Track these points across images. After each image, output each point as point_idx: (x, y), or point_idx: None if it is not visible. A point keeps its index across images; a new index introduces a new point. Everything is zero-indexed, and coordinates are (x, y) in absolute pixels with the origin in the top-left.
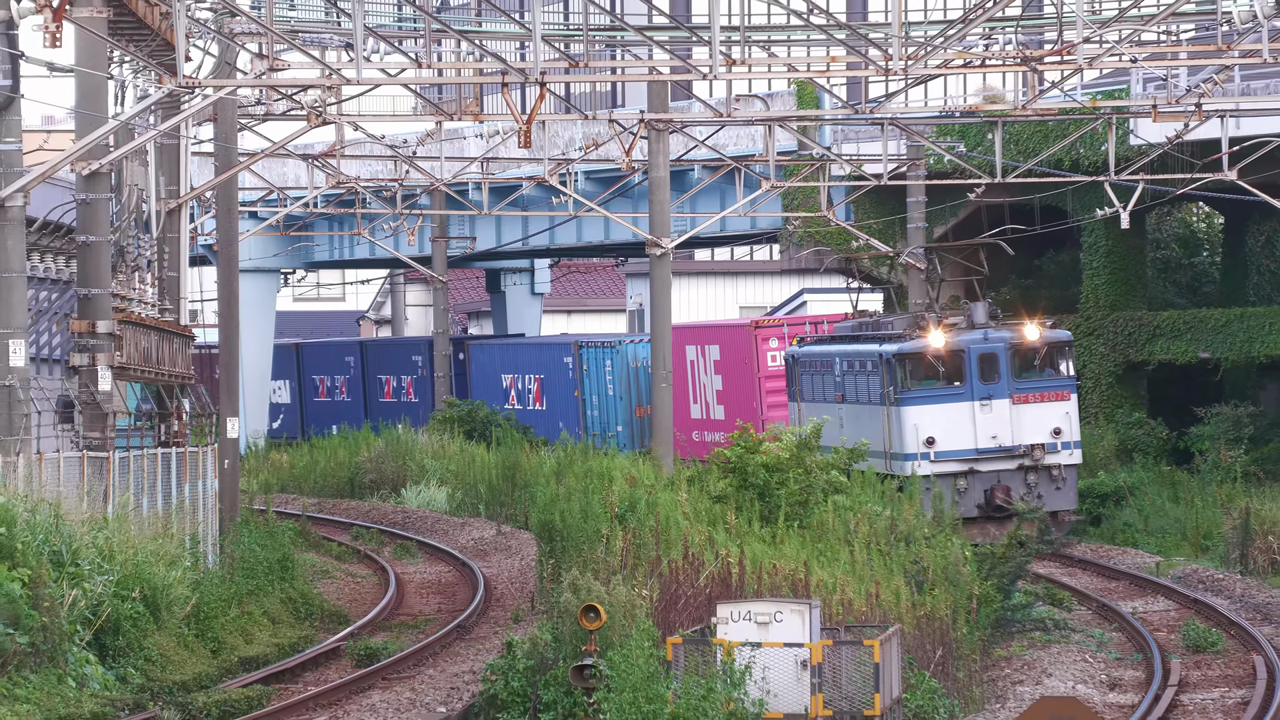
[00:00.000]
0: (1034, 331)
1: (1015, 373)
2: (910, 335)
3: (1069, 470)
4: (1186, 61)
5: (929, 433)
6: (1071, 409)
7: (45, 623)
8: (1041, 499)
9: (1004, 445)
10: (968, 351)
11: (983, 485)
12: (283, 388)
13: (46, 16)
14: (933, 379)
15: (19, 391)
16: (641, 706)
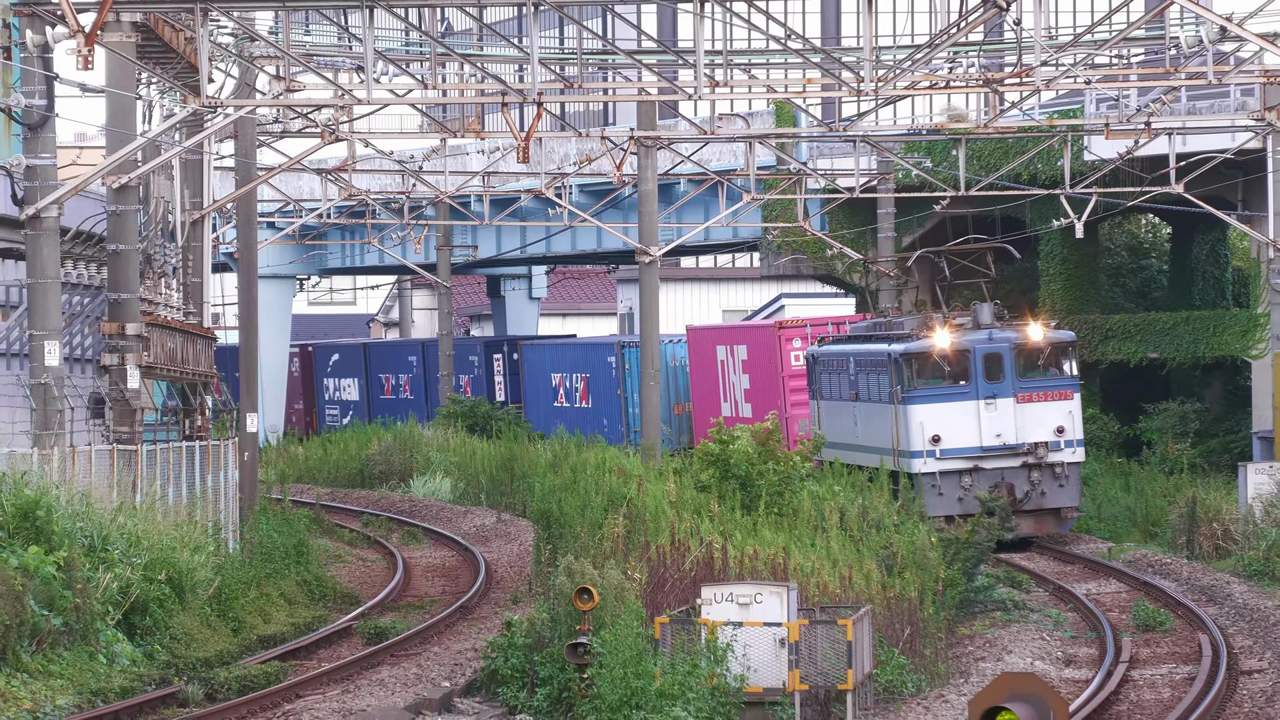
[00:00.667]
0: (1038, 332)
1: (1019, 372)
2: (917, 335)
3: (1072, 468)
4: (1136, 83)
5: (935, 430)
6: (1075, 408)
7: (78, 604)
8: (1045, 495)
9: (1008, 443)
10: (973, 351)
11: (987, 482)
12: (351, 385)
13: (79, 41)
14: (939, 378)
15: (54, 389)
16: (631, 681)
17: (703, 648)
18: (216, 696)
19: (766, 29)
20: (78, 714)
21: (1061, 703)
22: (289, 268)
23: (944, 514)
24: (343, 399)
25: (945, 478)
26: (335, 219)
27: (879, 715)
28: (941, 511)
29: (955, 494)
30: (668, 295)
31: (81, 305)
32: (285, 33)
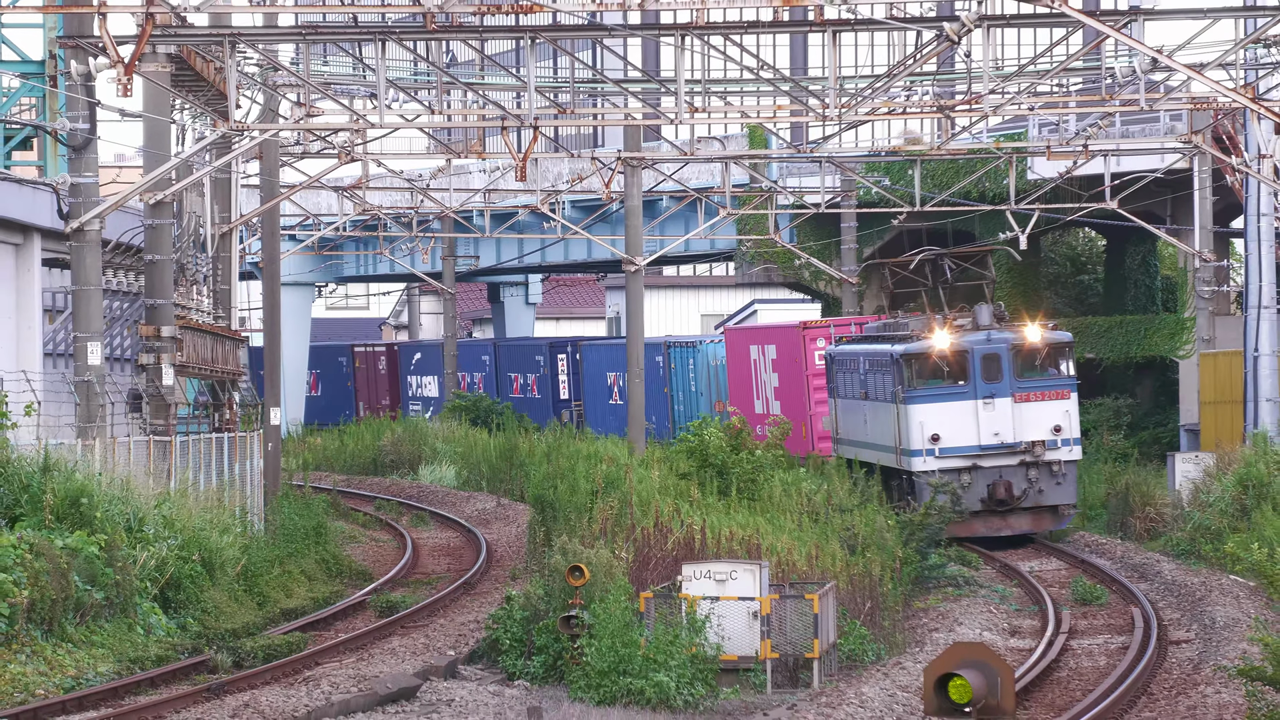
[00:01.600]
0: (1035, 333)
1: (1017, 372)
2: (917, 336)
3: (1069, 466)
4: (1075, 109)
5: (934, 430)
6: (1072, 407)
7: (118, 580)
8: (1042, 493)
9: (1006, 442)
10: (971, 352)
11: (986, 480)
12: (431, 383)
13: (119, 71)
14: (938, 378)
15: (96, 386)
16: (618, 650)
17: (683, 620)
18: (243, 664)
19: (741, 60)
20: (117, 680)
21: (1008, 670)
22: (308, 276)
23: None
24: (424, 395)
25: (943, 476)
26: (350, 232)
27: (843, 681)
28: None
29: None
30: (651, 301)
31: (121, 310)
32: (305, 63)
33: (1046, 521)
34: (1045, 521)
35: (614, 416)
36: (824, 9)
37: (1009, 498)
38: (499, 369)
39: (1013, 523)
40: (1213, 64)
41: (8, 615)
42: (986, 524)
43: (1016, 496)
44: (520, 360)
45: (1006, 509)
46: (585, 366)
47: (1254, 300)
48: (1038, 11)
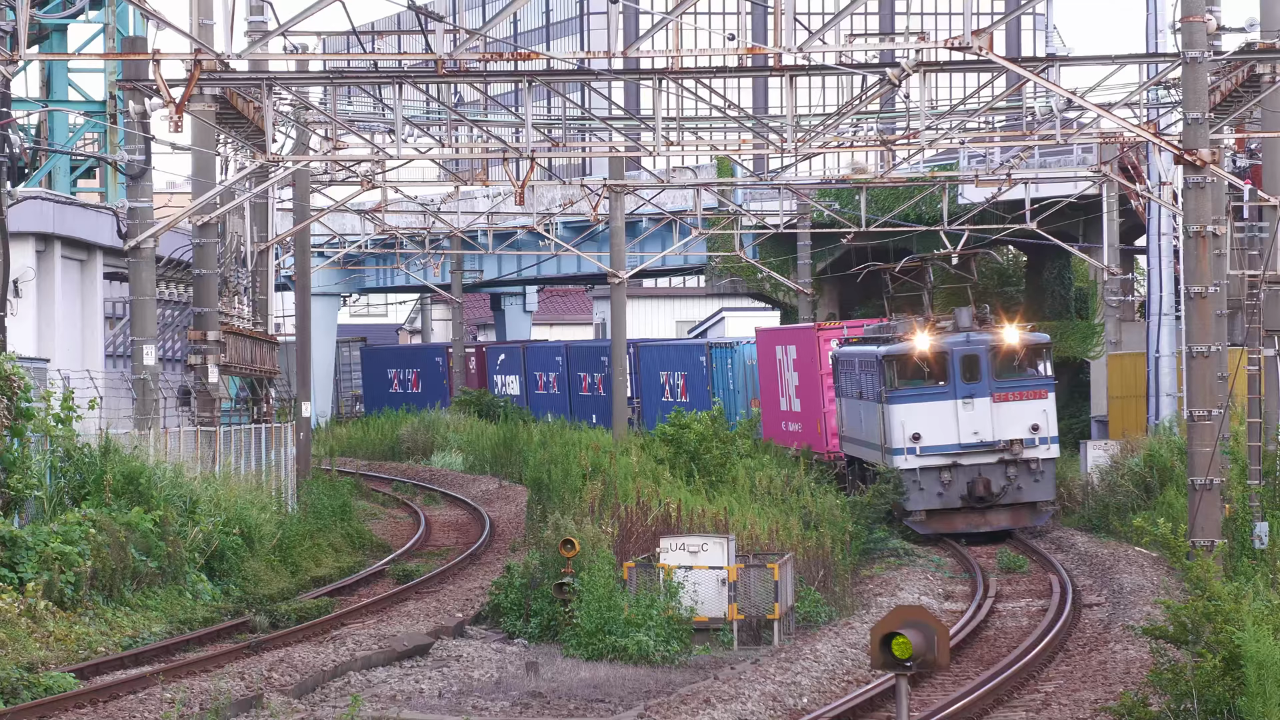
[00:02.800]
0: (1014, 334)
1: (996, 373)
2: (900, 338)
3: (1047, 464)
4: (1000, 143)
5: (915, 429)
6: (1049, 406)
7: (170, 552)
8: (1021, 490)
9: (985, 440)
10: (951, 353)
11: (965, 478)
12: (513, 382)
13: (170, 110)
14: (919, 379)
15: (151, 383)
16: (604, 613)
17: (661, 586)
18: (279, 625)
19: (710, 101)
20: (169, 638)
21: (943, 629)
22: (335, 287)
23: (924, 508)
24: (508, 393)
25: (925, 473)
26: (371, 249)
27: (799, 639)
28: (922, 505)
29: (935, 489)
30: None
31: (172, 317)
32: (333, 103)
33: (1025, 518)
34: (1024, 518)
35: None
36: (782, 57)
37: (988, 494)
38: (570, 369)
39: (992, 519)
40: (1120, 104)
41: (74, 582)
42: (967, 520)
43: (996, 493)
44: (588, 361)
45: (986, 505)
46: (642, 366)
47: (1155, 309)
48: (967, 59)
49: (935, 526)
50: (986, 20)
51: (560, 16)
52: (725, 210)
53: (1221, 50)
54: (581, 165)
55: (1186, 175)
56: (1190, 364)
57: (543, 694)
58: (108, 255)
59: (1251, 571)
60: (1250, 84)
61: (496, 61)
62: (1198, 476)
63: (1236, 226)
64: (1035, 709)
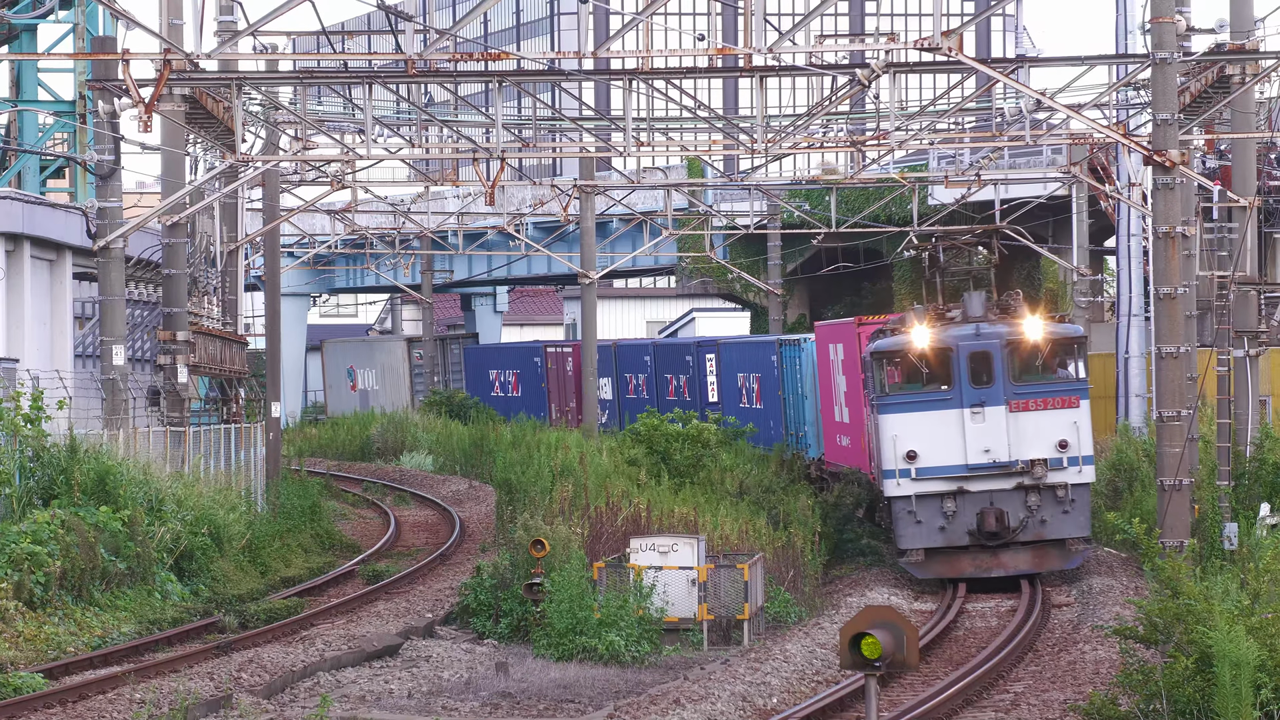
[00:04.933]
0: (1036, 326)
1: (1013, 375)
2: (893, 330)
3: (1079, 491)
4: (970, 144)
5: (910, 445)
6: (1081, 418)
7: (139, 552)
8: (1045, 524)
9: (999, 460)
10: (956, 350)
11: (974, 508)
12: (606, 385)
13: (140, 109)
14: (916, 382)
15: (120, 383)
16: (575, 613)
17: (631, 587)
18: (248, 625)
19: (680, 101)
20: (138, 638)
21: (913, 629)
22: (304, 287)
23: (922, 545)
24: (600, 397)
25: (923, 502)
26: (341, 249)
27: (769, 639)
28: (919, 543)
29: (935, 522)
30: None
31: (141, 317)
32: (302, 103)
33: (1051, 559)
34: (1049, 559)
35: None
36: (752, 57)
37: (1003, 529)
38: (658, 370)
39: (1007, 560)
40: (1089, 105)
41: (43, 582)
42: (975, 562)
43: (1012, 528)
44: (673, 361)
45: (1000, 543)
46: (720, 367)
47: (1124, 309)
48: (937, 60)
49: (936, 570)
50: (956, 21)
51: (530, 17)
52: (696, 211)
53: (1191, 51)
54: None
55: (1156, 176)
56: (1160, 365)
57: (512, 694)
58: (77, 255)
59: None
60: (1219, 85)
61: (467, 62)
62: (1167, 477)
63: (1206, 227)
64: (1004, 709)
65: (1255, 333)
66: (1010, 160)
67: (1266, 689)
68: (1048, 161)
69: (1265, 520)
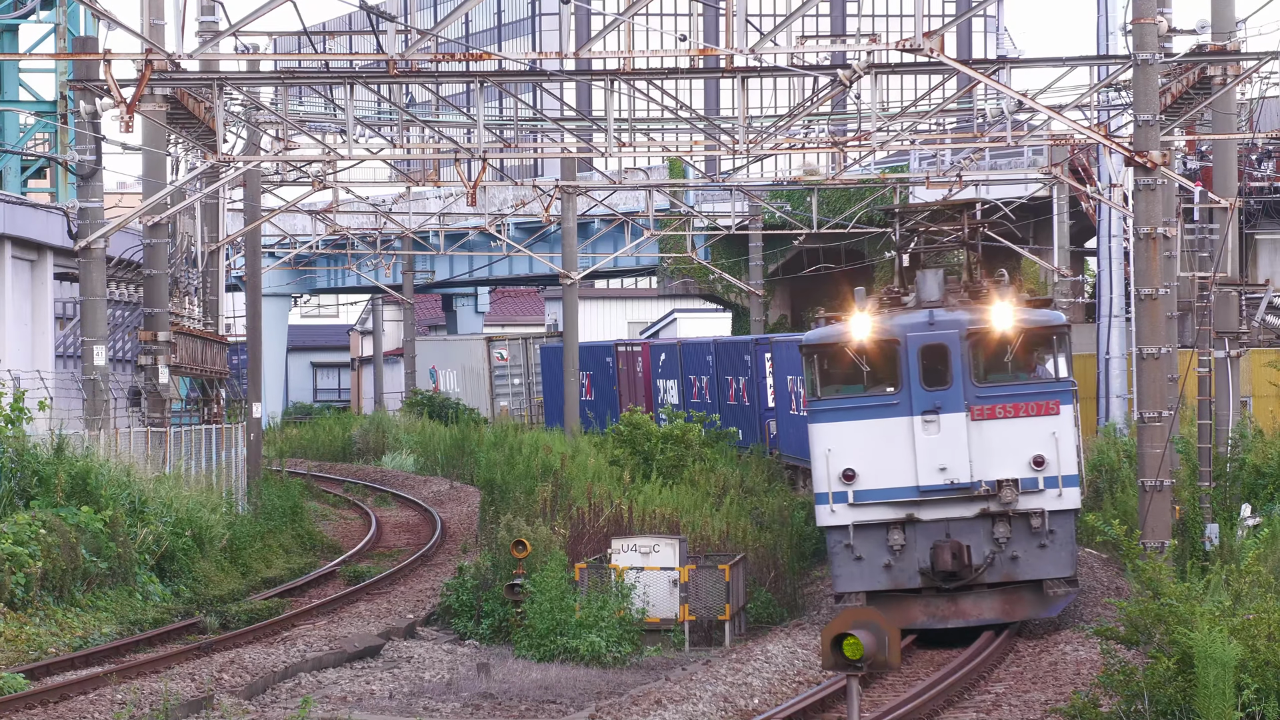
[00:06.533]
0: (1005, 313)
1: (977, 374)
2: (829, 318)
3: (1059, 519)
4: (951, 145)
5: (847, 462)
6: (1063, 427)
7: (120, 552)
8: (1017, 561)
9: (958, 481)
10: (904, 342)
11: (927, 541)
12: (672, 389)
13: (121, 110)
14: (855, 382)
15: (101, 383)
16: (556, 614)
17: (612, 587)
18: (229, 625)
19: (662, 102)
20: (119, 639)
21: (894, 629)
22: (285, 288)
23: (863, 589)
24: (668, 400)
25: (864, 534)
26: (322, 249)
27: (750, 640)
28: (860, 586)
29: (879, 559)
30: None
31: (123, 317)
32: (284, 103)
33: (1025, 605)
34: (1022, 605)
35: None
36: (734, 58)
37: (963, 568)
38: (719, 371)
39: (968, 608)
40: (1070, 105)
41: (24, 583)
42: (929, 609)
43: (975, 566)
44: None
45: (959, 585)
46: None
47: (1105, 310)
48: (919, 61)
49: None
50: (937, 22)
51: (512, 17)
52: (677, 211)
53: (1172, 52)
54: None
55: (1137, 177)
56: (1140, 366)
57: (494, 695)
58: (58, 255)
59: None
60: (1201, 86)
61: (448, 62)
62: (1148, 478)
63: (1187, 228)
64: (986, 710)
65: (1236, 334)
66: (991, 161)
67: (1249, 689)
68: (1029, 162)
69: (1246, 521)
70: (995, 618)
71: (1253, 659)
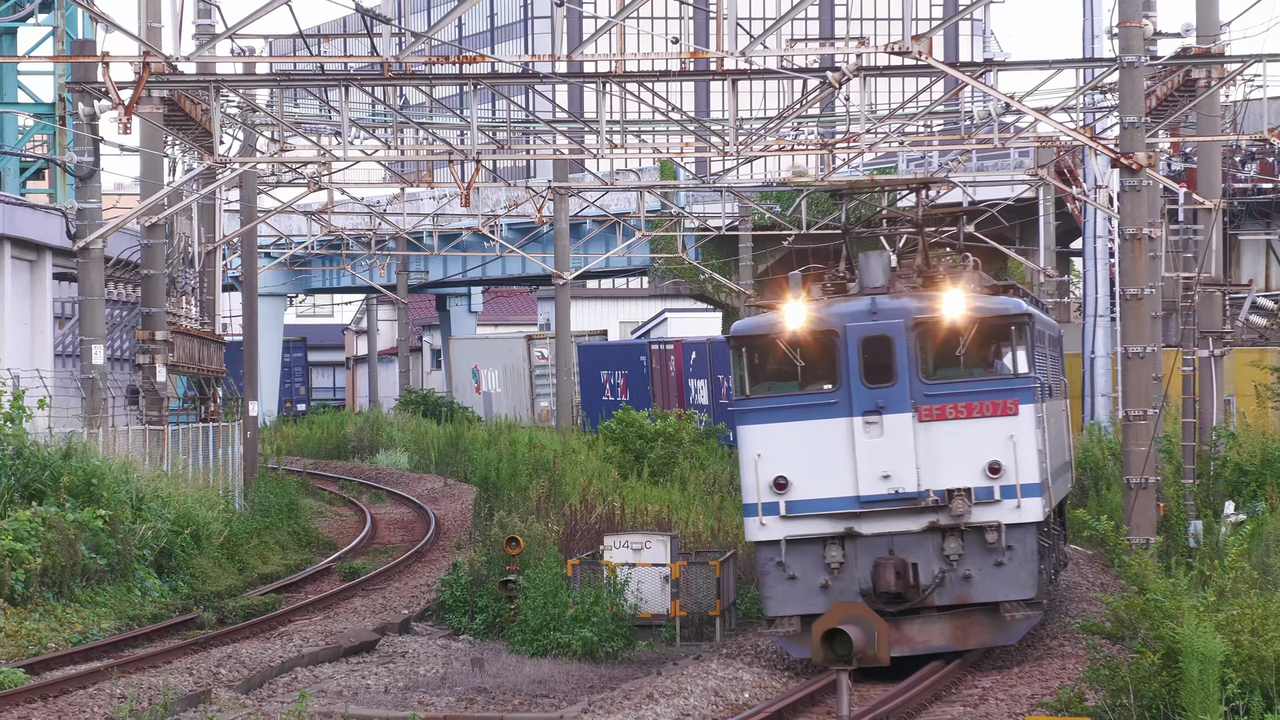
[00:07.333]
0: (956, 301)
1: (925, 369)
2: (761, 306)
3: (1019, 533)
4: (938, 147)
5: (778, 469)
6: (1023, 430)
7: (119, 549)
8: (970, 581)
9: (903, 491)
10: (843, 333)
11: (869, 558)
12: (702, 388)
13: (119, 112)
14: (788, 379)
15: (99, 382)
16: (549, 610)
17: (605, 583)
18: (226, 621)
19: (653, 104)
20: (118, 634)
21: (883, 625)
22: (281, 288)
23: (797, 612)
24: (699, 402)
25: (798, 550)
26: (318, 250)
27: (740, 635)
28: (794, 609)
29: (815, 577)
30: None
31: (120, 317)
32: (279, 105)
33: (980, 630)
34: (977, 630)
35: None
36: (724, 61)
37: (909, 589)
38: None
39: (915, 633)
40: (1057, 108)
41: (24, 579)
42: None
43: (923, 587)
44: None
45: (905, 608)
46: None
47: (1091, 310)
48: (907, 63)
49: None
50: (925, 26)
51: (505, 20)
52: (668, 212)
53: (1158, 55)
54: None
55: (1123, 178)
56: (1125, 365)
57: (488, 689)
58: (57, 256)
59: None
60: (1186, 88)
61: (442, 65)
62: (1133, 475)
63: (1171, 229)
64: (973, 704)
65: (1220, 333)
66: (978, 163)
67: (1233, 684)
68: (1015, 164)
69: (1229, 518)
70: (945, 645)
71: (1237, 654)
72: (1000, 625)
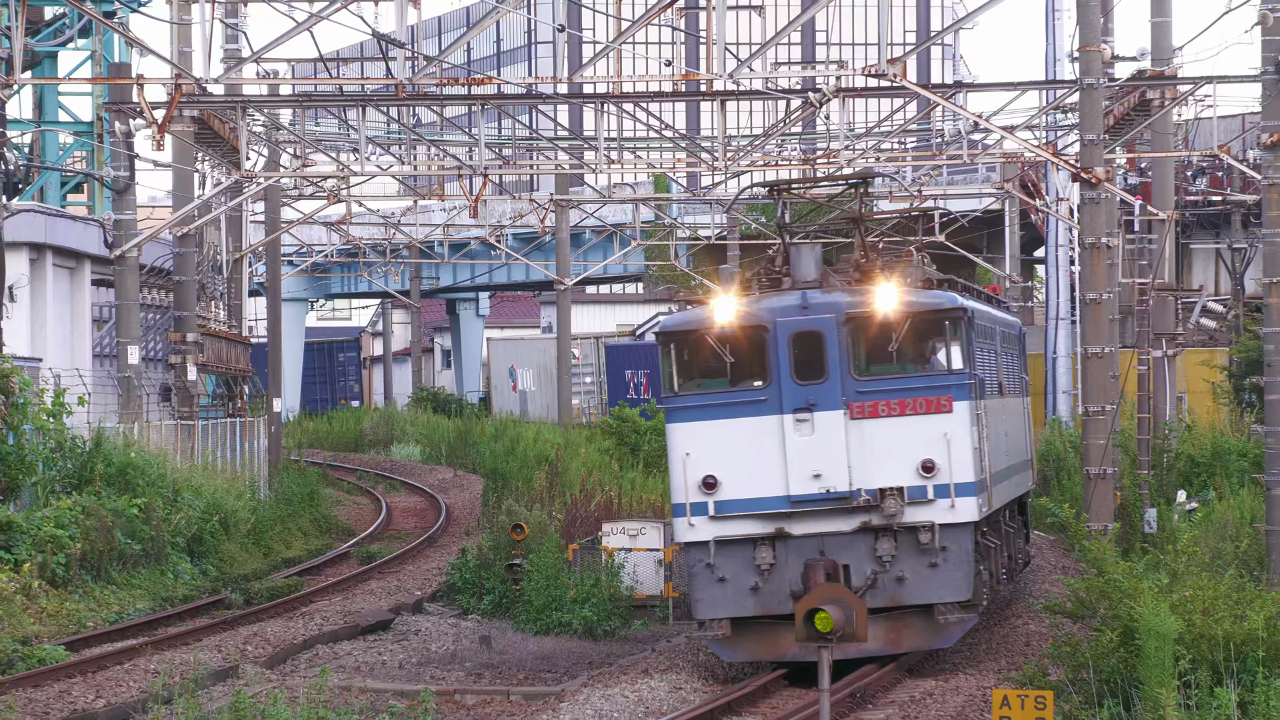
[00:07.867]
0: (889, 295)
1: (857, 366)
2: (688, 300)
3: (953, 533)
4: (912, 162)
5: (707, 468)
6: (957, 427)
7: (153, 536)
8: (904, 583)
9: (835, 490)
10: (773, 329)
11: (799, 559)
12: None
13: (153, 130)
14: (717, 375)
15: (135, 381)
16: (552, 591)
17: (603, 567)
18: (253, 601)
19: (648, 123)
20: (152, 614)
21: (861, 606)
22: (303, 293)
23: (726, 615)
24: None
25: (727, 551)
26: (336, 258)
27: None
28: (723, 611)
29: (745, 579)
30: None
31: (154, 320)
32: (301, 124)
33: (914, 634)
34: (911, 633)
35: None
36: (714, 82)
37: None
38: None
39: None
40: (1022, 126)
41: (65, 563)
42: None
43: (855, 588)
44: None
45: None
46: None
47: (1053, 313)
48: (883, 85)
49: (748, 649)
50: (900, 50)
51: (510, 45)
52: (661, 223)
53: (1115, 77)
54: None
55: (1083, 192)
56: (1085, 364)
57: (495, 665)
58: (95, 263)
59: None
60: (1141, 108)
61: (452, 86)
62: (1092, 466)
63: (1128, 239)
64: (944, 678)
65: (1172, 335)
66: (949, 177)
67: (1185, 659)
68: (983, 178)
69: (1182, 506)
70: (878, 648)
71: (1189, 632)
72: (934, 628)
